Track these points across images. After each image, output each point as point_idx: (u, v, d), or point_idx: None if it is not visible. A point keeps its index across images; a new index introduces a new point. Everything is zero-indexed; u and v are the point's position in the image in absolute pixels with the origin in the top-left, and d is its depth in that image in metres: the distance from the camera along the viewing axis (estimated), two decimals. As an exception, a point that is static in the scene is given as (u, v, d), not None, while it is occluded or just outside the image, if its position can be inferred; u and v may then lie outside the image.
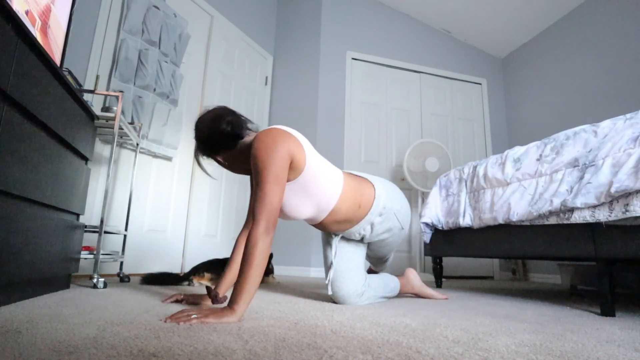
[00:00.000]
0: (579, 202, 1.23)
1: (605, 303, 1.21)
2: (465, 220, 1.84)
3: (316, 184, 1.15)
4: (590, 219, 1.22)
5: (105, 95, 2.14)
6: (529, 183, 1.49)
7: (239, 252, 1.21)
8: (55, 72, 1.11)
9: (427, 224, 2.12)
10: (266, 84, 3.76)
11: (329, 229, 1.32)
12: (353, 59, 3.67)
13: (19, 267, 0.96)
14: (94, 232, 1.68)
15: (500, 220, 1.60)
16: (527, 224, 1.49)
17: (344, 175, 1.27)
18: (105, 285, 1.50)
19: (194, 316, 0.84)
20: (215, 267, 1.85)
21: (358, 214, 1.27)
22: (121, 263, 1.98)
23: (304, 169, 1.11)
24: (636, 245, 1.12)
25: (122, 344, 0.61)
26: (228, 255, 2.79)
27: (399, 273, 1.92)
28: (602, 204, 1.18)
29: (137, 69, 2.35)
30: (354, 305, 1.27)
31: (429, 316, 1.06)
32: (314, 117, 3.44)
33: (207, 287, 1.08)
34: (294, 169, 1.10)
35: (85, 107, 1.38)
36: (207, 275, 1.82)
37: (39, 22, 1.20)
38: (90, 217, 2.07)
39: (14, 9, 0.88)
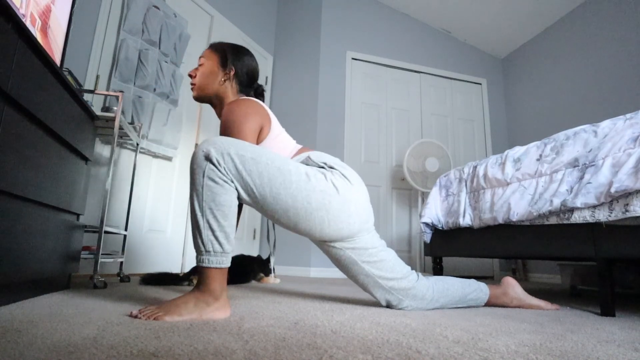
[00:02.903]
0: (579, 202, 1.23)
1: (605, 303, 1.21)
2: (465, 220, 1.84)
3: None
4: (590, 219, 1.21)
5: (105, 95, 2.14)
6: (529, 183, 1.49)
7: None
8: (55, 72, 1.11)
9: (427, 224, 2.12)
10: (266, 84, 3.76)
11: None
12: (353, 59, 3.67)
13: (19, 267, 0.96)
14: (94, 232, 1.68)
15: (500, 220, 1.59)
16: (527, 224, 1.49)
17: (298, 149, 1.22)
18: (105, 285, 1.50)
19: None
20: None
21: None
22: (121, 263, 1.98)
23: (265, 139, 1.16)
24: (636, 245, 1.12)
25: (122, 344, 0.61)
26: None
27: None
28: (602, 204, 1.18)
29: (137, 69, 2.35)
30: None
31: (429, 316, 1.06)
32: (314, 117, 3.44)
33: None
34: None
35: (85, 107, 1.38)
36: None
37: (39, 22, 1.20)
38: (90, 217, 2.07)
39: (14, 9, 0.88)
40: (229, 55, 1.25)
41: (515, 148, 1.65)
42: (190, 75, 1.26)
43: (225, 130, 1.08)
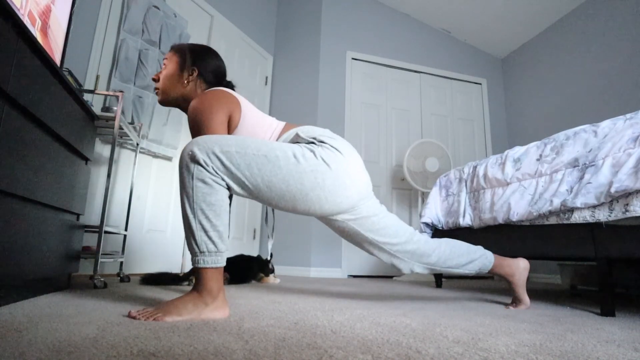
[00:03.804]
0: (579, 202, 1.23)
1: (605, 303, 1.21)
2: (465, 220, 1.84)
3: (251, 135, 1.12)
4: (590, 219, 1.22)
5: (105, 95, 2.14)
6: (529, 183, 1.49)
7: None
8: (55, 72, 1.11)
9: (427, 224, 2.12)
10: (266, 84, 3.76)
11: None
12: (353, 59, 3.67)
13: (19, 267, 0.96)
14: (94, 232, 1.68)
15: (500, 220, 1.60)
16: (527, 224, 1.49)
17: (282, 126, 1.19)
18: (105, 285, 1.50)
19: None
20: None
21: None
22: (121, 263, 1.98)
23: (239, 125, 1.10)
24: (636, 245, 1.12)
25: (122, 344, 0.61)
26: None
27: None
28: (602, 204, 1.18)
29: (137, 69, 2.35)
30: None
31: (429, 316, 1.06)
32: (314, 117, 3.44)
33: None
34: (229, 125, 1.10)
35: (85, 107, 1.38)
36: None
37: (39, 22, 1.20)
38: (90, 217, 2.07)
39: (14, 8, 0.88)
40: (190, 56, 1.20)
41: (515, 148, 1.65)
42: (154, 80, 1.21)
43: (193, 127, 1.05)
